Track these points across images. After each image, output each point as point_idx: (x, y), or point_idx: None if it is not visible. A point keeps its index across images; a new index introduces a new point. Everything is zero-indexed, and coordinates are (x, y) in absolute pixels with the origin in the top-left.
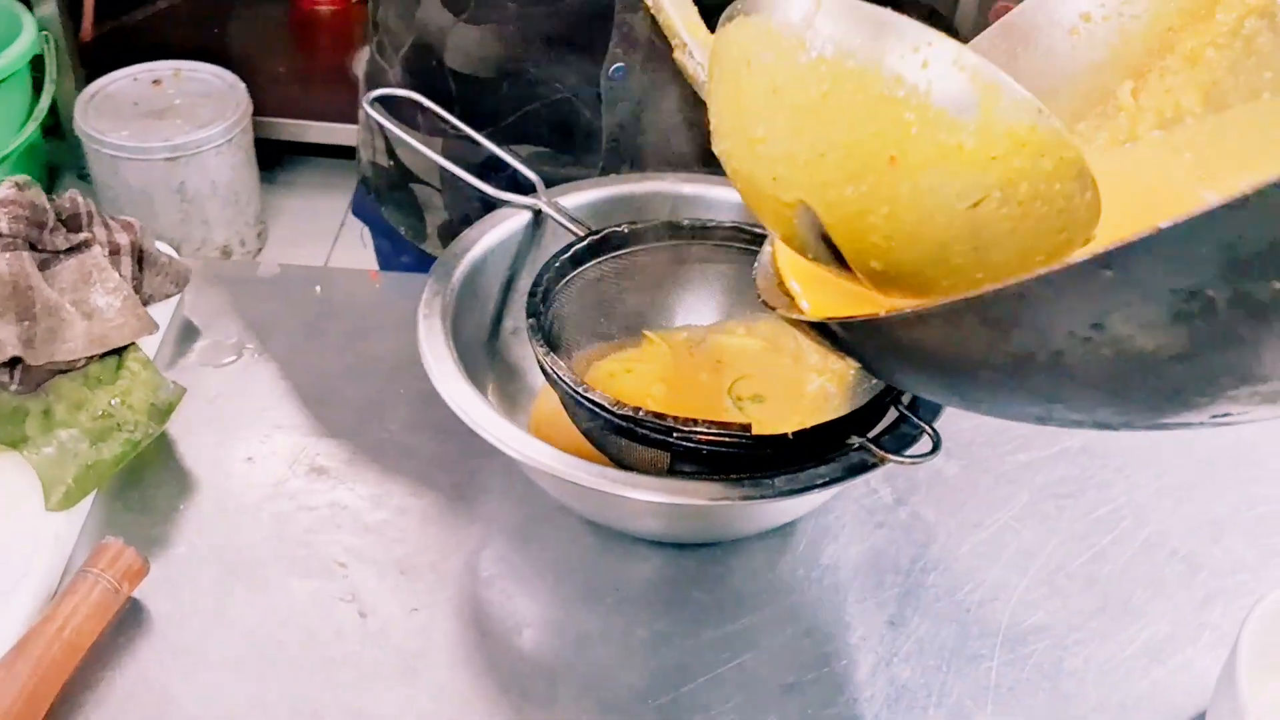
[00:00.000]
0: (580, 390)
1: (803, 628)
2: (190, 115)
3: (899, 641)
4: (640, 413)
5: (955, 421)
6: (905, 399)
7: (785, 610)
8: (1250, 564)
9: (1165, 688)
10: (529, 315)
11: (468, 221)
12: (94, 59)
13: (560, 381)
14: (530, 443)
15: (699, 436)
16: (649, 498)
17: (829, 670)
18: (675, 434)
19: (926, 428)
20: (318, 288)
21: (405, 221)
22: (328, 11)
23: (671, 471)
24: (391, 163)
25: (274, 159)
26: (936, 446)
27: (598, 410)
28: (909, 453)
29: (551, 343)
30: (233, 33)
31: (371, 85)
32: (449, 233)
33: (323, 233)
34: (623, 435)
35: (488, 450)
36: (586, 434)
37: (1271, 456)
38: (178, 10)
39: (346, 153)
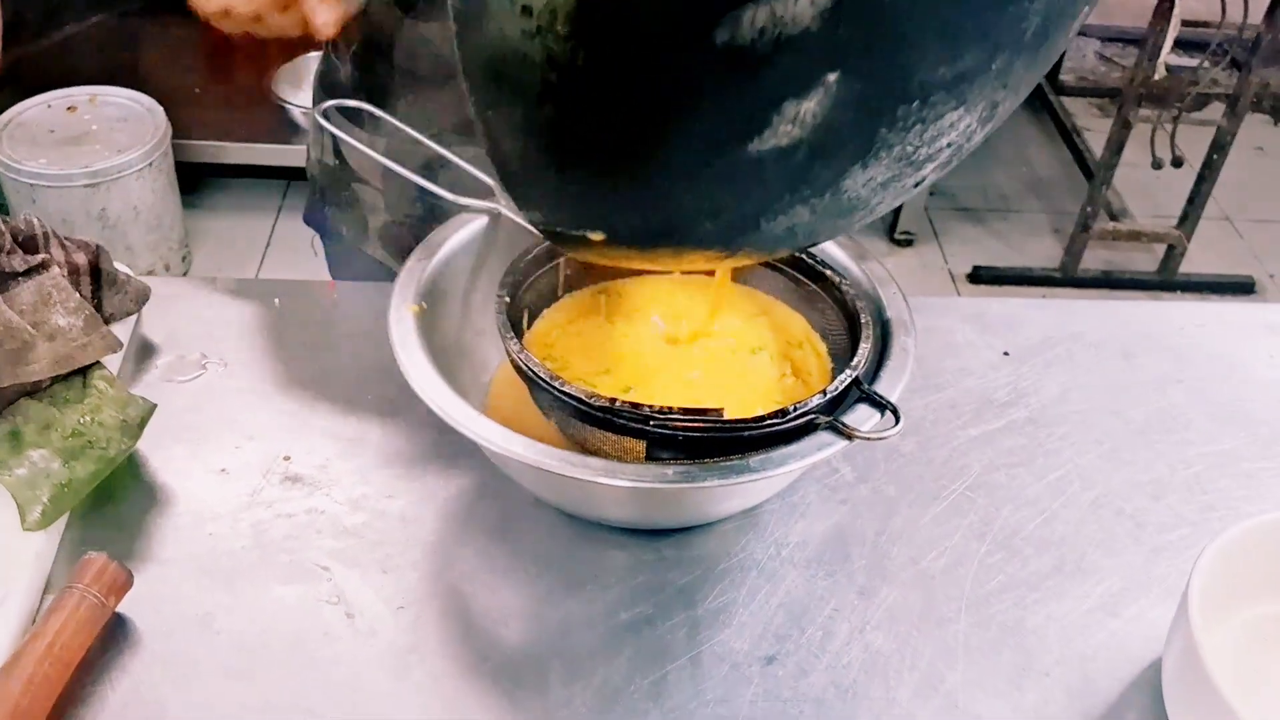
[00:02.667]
0: (557, 384)
1: (777, 603)
2: (108, 140)
3: (870, 610)
4: (617, 403)
5: (908, 400)
6: (868, 381)
7: (759, 587)
8: (1191, 519)
9: (1122, 638)
10: (499, 314)
11: (408, 223)
12: (5, 87)
13: (536, 377)
14: (513, 439)
15: (674, 424)
16: (629, 484)
17: (805, 641)
18: (652, 421)
19: (889, 404)
20: (277, 300)
21: (347, 221)
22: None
23: (648, 458)
24: (336, 161)
25: (195, 181)
26: (898, 421)
27: (575, 403)
28: (871, 429)
29: (521, 338)
30: (146, 56)
31: (323, 83)
32: (389, 235)
33: (248, 253)
34: (599, 425)
35: (462, 449)
36: (560, 424)
37: (1199, 419)
38: (89, 35)
39: (268, 172)
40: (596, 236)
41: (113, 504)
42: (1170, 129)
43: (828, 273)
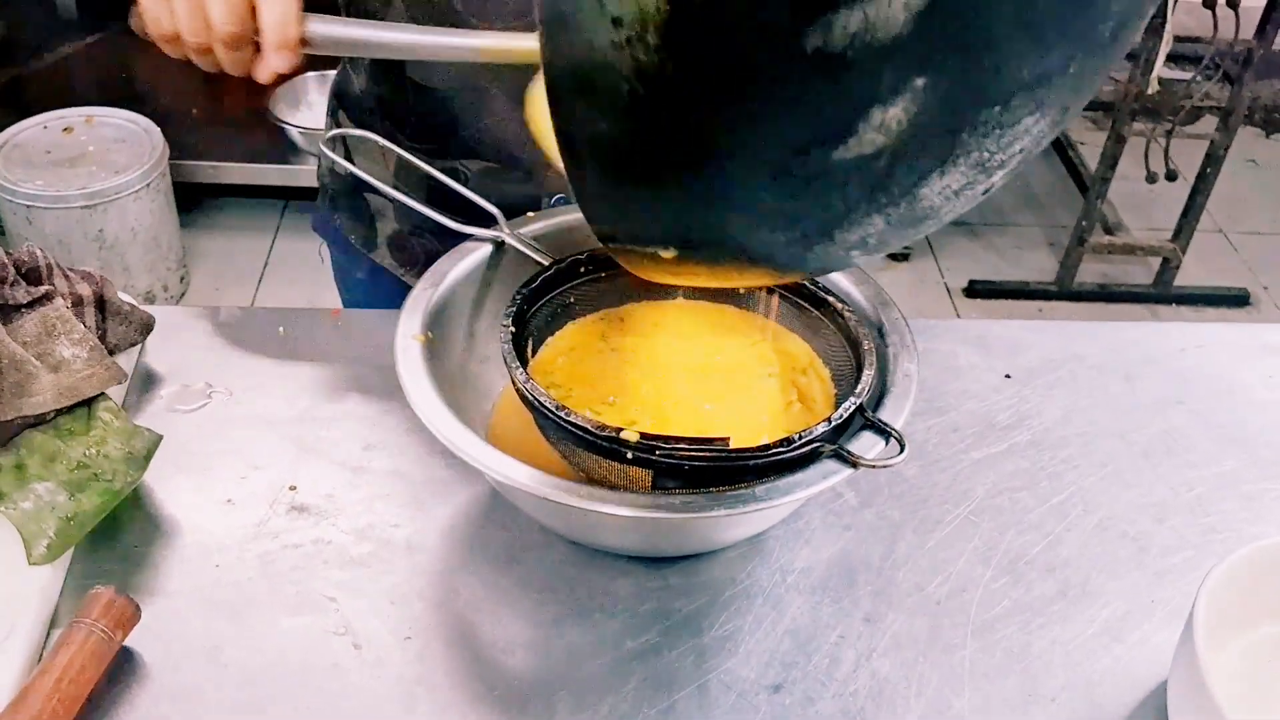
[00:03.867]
0: (562, 414)
1: (783, 630)
2: (105, 161)
3: (876, 637)
4: (622, 433)
5: (910, 424)
6: (872, 408)
7: (765, 614)
8: (1194, 541)
9: (1127, 663)
10: (503, 342)
11: (417, 233)
12: (1, 108)
13: (541, 407)
14: (518, 468)
15: (680, 453)
16: (634, 514)
17: (812, 669)
18: (658, 451)
19: (894, 431)
20: (281, 329)
21: (356, 230)
22: None
23: (654, 487)
24: (348, 175)
25: (193, 201)
26: (902, 449)
27: (580, 432)
28: (875, 456)
29: (526, 367)
30: (143, 77)
31: (338, 94)
32: (398, 244)
33: (247, 273)
34: (604, 455)
35: (468, 478)
36: (564, 453)
37: (1201, 441)
38: (85, 56)
39: (266, 192)
40: (668, 254)
41: (119, 537)
42: (1164, 142)
43: (829, 298)
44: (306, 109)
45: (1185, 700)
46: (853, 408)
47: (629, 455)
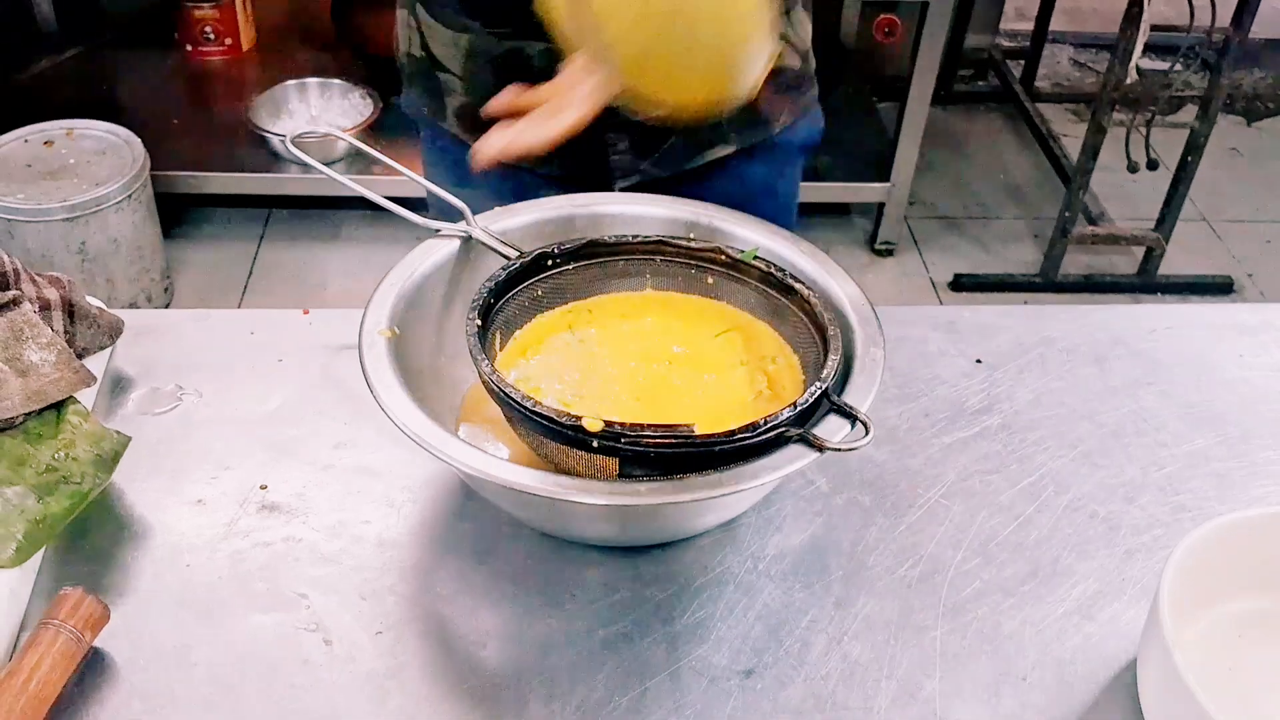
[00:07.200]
0: (529, 405)
1: (755, 616)
2: (86, 174)
3: (847, 621)
4: (586, 421)
5: (881, 410)
6: (838, 393)
7: (737, 601)
8: (1164, 519)
9: (1097, 640)
10: (469, 335)
11: (482, 102)
12: None
13: (508, 399)
14: (487, 461)
15: (646, 440)
16: (603, 502)
17: (784, 653)
18: (624, 439)
19: (860, 415)
20: (252, 332)
21: (429, 104)
22: (220, 61)
23: (621, 475)
24: (424, 53)
25: (176, 212)
26: (868, 432)
27: (547, 423)
28: (841, 440)
29: (493, 360)
30: (123, 89)
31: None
32: (465, 113)
33: (231, 283)
34: (571, 445)
35: (438, 473)
36: (533, 445)
37: (1171, 421)
38: (64, 69)
39: (248, 201)
40: None
41: (89, 538)
42: (1145, 132)
43: (797, 285)
44: (288, 117)
45: (1154, 676)
46: (817, 393)
47: (594, 444)
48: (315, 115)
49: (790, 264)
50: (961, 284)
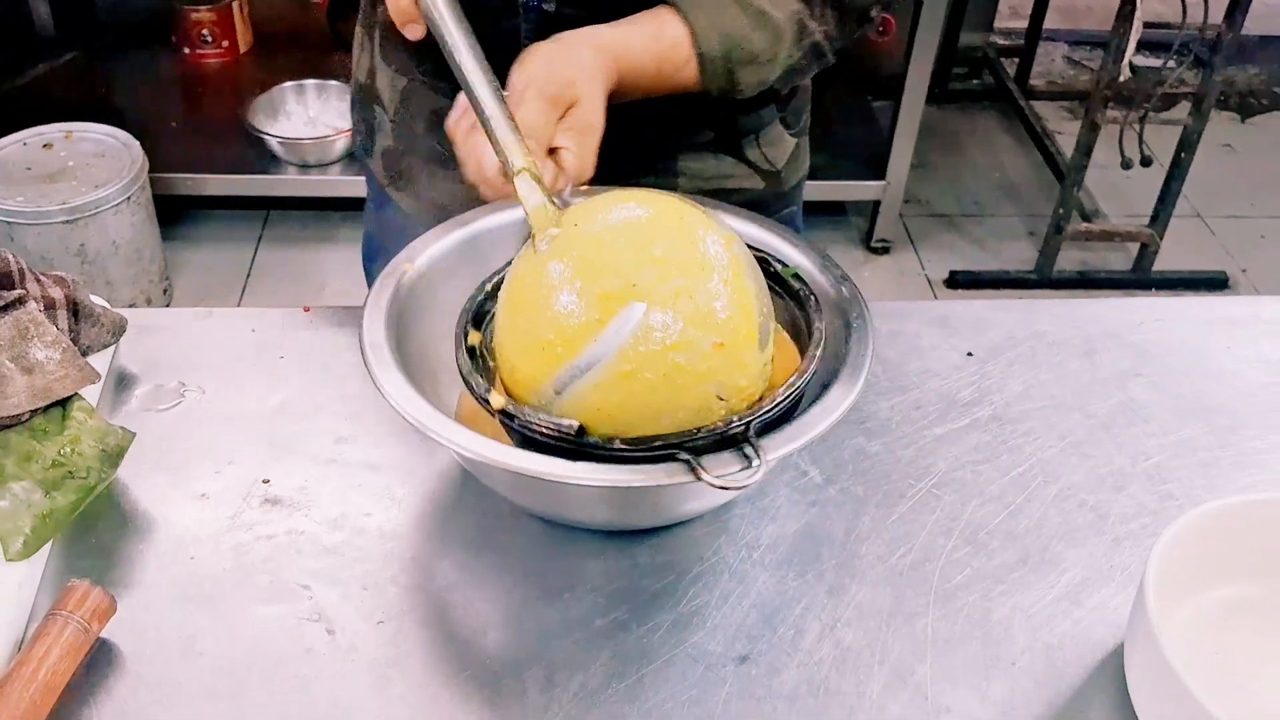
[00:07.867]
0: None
1: (749, 604)
2: (85, 176)
3: (840, 608)
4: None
5: (874, 402)
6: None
7: (732, 589)
8: (1151, 508)
9: (1086, 626)
10: (458, 350)
11: (408, 152)
12: None
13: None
14: (487, 445)
15: (535, 426)
16: (602, 483)
17: (777, 640)
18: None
19: (755, 454)
20: (252, 328)
21: (363, 138)
22: (217, 63)
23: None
24: (368, 81)
25: (175, 214)
26: (756, 470)
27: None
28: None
29: (484, 359)
30: (121, 91)
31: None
32: (388, 160)
33: (229, 284)
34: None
35: (439, 467)
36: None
37: (1160, 412)
38: (63, 72)
39: (247, 203)
40: None
41: (95, 532)
42: (1138, 129)
43: (794, 284)
44: (285, 119)
45: (1140, 661)
46: (741, 425)
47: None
48: (312, 117)
49: (787, 255)
50: (957, 281)
